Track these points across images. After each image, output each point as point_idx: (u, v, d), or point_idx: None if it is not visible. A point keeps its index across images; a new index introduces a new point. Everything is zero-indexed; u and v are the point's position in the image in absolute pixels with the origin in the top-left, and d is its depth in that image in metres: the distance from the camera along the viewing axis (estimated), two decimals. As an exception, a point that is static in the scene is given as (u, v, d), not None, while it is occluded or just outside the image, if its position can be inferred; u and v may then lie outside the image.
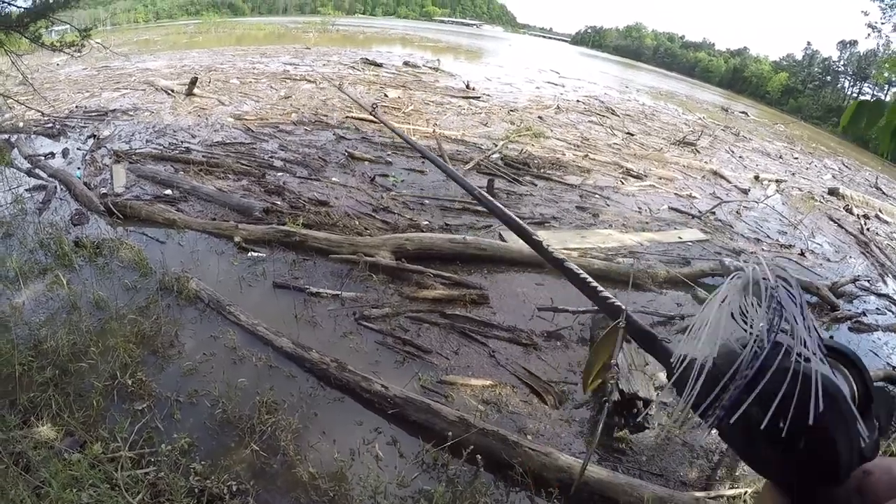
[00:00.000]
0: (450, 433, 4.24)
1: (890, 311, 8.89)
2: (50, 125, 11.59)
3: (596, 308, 6.50)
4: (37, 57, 12.79)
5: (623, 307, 1.06)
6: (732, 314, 0.75)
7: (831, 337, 6.82)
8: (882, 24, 43.31)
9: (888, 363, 7.19)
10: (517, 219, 1.28)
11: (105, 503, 3.28)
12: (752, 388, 0.69)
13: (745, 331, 0.73)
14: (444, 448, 4.19)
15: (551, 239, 8.52)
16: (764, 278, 0.74)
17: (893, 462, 0.69)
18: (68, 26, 10.78)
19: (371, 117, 14.89)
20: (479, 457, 4.02)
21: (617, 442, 4.67)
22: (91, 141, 10.88)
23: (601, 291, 1.09)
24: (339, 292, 6.30)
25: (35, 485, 3.35)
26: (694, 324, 0.80)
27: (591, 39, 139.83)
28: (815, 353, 0.69)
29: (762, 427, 0.67)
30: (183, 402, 4.41)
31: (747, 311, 0.74)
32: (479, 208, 9.38)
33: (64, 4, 9.61)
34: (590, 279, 1.12)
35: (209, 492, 3.55)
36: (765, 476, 0.74)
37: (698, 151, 18.62)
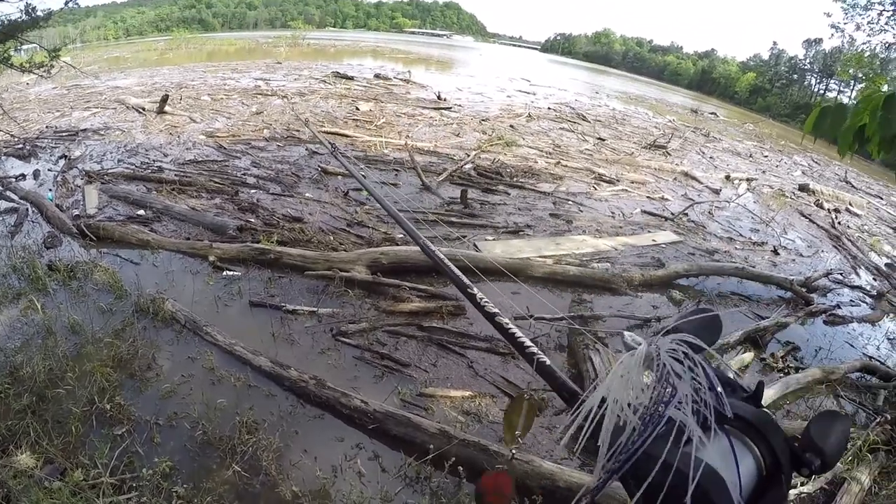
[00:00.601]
0: (431, 446, 4.25)
1: (864, 302, 9.07)
2: (20, 146, 11.47)
3: (573, 314, 6.60)
4: (5, 77, 12.71)
5: (546, 360, 1.09)
6: (631, 384, 0.76)
7: (789, 348, 6.98)
8: (845, 24, 43.97)
9: (864, 353, 7.33)
10: (458, 272, 1.32)
11: (87, 531, 3.27)
12: (628, 465, 0.71)
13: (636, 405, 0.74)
14: (427, 461, 4.20)
15: (526, 247, 8.60)
16: (656, 356, 0.74)
17: None
18: (37, 45, 10.69)
19: (342, 131, 14.95)
20: (461, 468, 4.04)
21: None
22: (62, 161, 10.77)
23: (528, 348, 1.11)
24: (316, 309, 6.29)
25: (15, 515, 3.33)
26: (597, 391, 0.81)
27: (561, 46, 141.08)
28: (710, 430, 0.69)
29: None
30: (162, 424, 4.38)
31: (644, 385, 0.74)
32: (453, 219, 9.44)
33: (32, 24, 9.52)
34: (519, 334, 1.16)
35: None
36: None
37: (669, 154, 18.84)
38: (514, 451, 1.07)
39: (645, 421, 0.71)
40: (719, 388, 0.72)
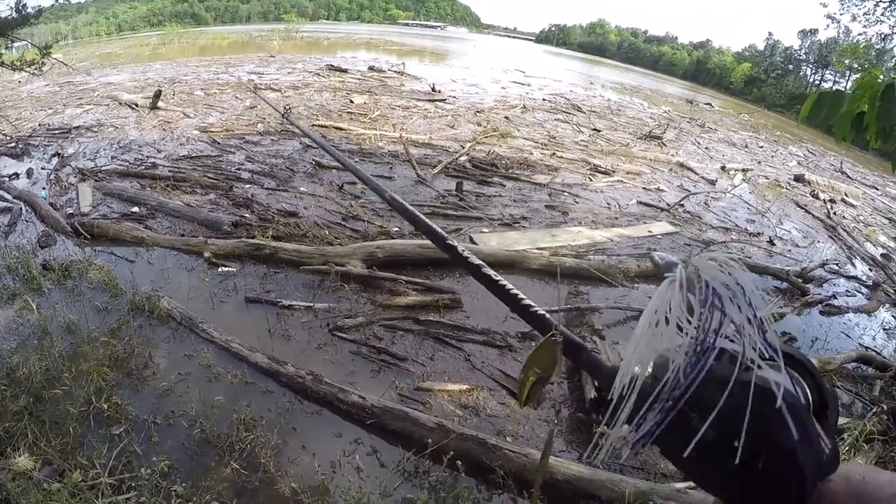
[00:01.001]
0: (429, 440, 4.26)
1: (859, 292, 9.09)
2: (13, 145, 11.41)
3: (568, 307, 6.59)
4: (-3, 76, 12.63)
5: (553, 321, 0.99)
6: (668, 319, 0.68)
7: (786, 338, 6.99)
8: (841, 14, 44.04)
9: (860, 344, 7.35)
10: (431, 224, 1.22)
11: (85, 531, 3.26)
12: (690, 401, 0.64)
13: (683, 338, 0.67)
14: (425, 455, 4.21)
15: (521, 239, 8.58)
16: (699, 278, 0.67)
17: (851, 469, 0.64)
18: (28, 43, 10.62)
19: (336, 124, 14.89)
20: (459, 462, 4.05)
21: (598, 437, 4.71)
22: (55, 160, 10.71)
23: (523, 300, 1.01)
24: (312, 304, 6.28)
25: (14, 517, 3.32)
26: (638, 334, 0.72)
27: (556, 37, 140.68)
28: (767, 359, 0.63)
29: (713, 447, 0.62)
30: (160, 423, 4.38)
31: (686, 317, 0.67)
32: (449, 212, 9.44)
33: (22, 22, 9.48)
34: (512, 288, 1.05)
35: (191, 513, 3.54)
36: (719, 496, 0.68)
37: (665, 145, 18.85)
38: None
39: (695, 352, 0.66)
40: (762, 314, 0.67)
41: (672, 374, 0.66)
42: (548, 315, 0.97)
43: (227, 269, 6.93)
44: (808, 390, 0.67)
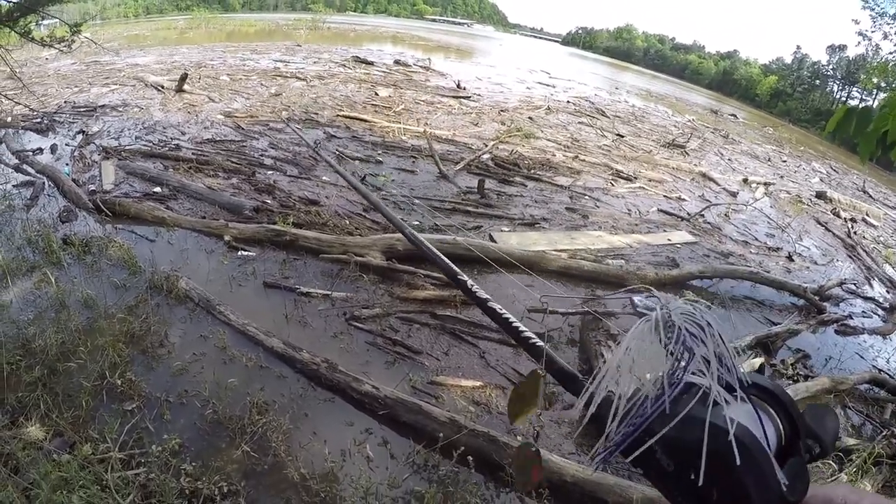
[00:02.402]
0: (440, 434, 4.25)
1: (876, 314, 8.98)
2: (38, 120, 11.49)
3: (586, 311, 6.57)
4: (26, 51, 12.68)
5: (545, 346, 1.05)
6: (641, 355, 0.73)
7: (800, 355, 6.95)
8: (872, 32, 43.76)
9: (874, 366, 7.27)
10: (445, 259, 1.27)
11: (95, 504, 3.27)
12: (651, 432, 0.68)
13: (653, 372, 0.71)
14: (435, 449, 4.20)
15: (541, 240, 8.56)
16: (669, 320, 0.71)
17: (832, 491, 0.66)
18: (58, 21, 10.68)
19: (361, 116, 14.92)
20: (469, 457, 4.03)
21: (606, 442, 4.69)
22: (80, 137, 10.77)
23: (523, 332, 1.07)
24: (330, 292, 6.29)
25: (24, 486, 3.33)
26: (611, 361, 0.77)
27: (582, 40, 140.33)
28: (732, 394, 0.67)
29: (673, 476, 0.67)
30: (173, 402, 4.39)
31: (660, 351, 0.71)
32: (470, 209, 9.42)
33: (54, -1, 9.52)
34: (512, 319, 1.11)
35: (200, 493, 3.54)
36: None
37: (688, 154, 18.73)
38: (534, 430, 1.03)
39: (662, 385, 0.69)
40: (733, 354, 0.70)
41: (639, 401, 0.70)
42: (546, 348, 1.02)
43: (246, 253, 6.95)
44: (778, 421, 0.70)
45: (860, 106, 2.96)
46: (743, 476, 0.61)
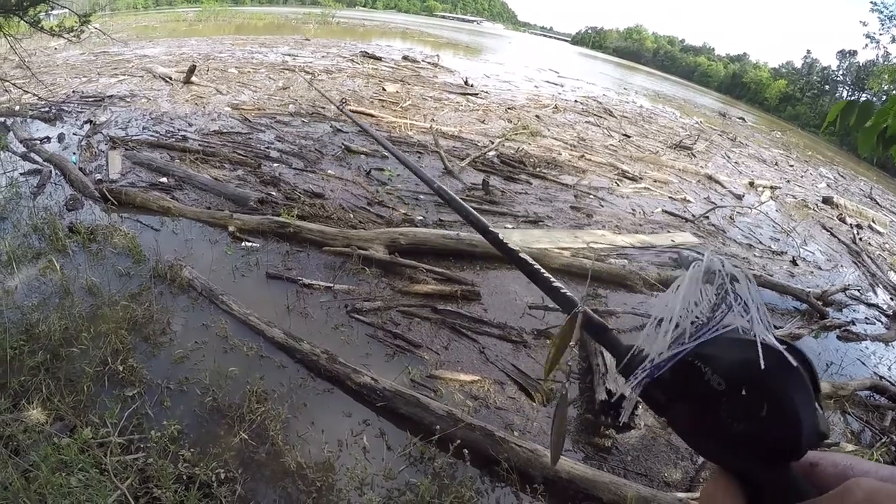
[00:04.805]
0: (437, 427, 4.28)
1: (879, 320, 8.95)
2: (46, 109, 11.53)
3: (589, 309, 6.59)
4: (35, 41, 12.73)
5: (577, 300, 1.05)
6: (689, 302, 0.71)
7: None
8: (880, 35, 43.58)
9: (875, 373, 7.25)
10: (475, 212, 1.27)
11: (94, 488, 3.29)
12: (702, 354, 0.67)
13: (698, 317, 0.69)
14: (432, 441, 4.23)
15: (544, 238, 8.56)
16: (719, 268, 0.69)
17: (839, 456, 0.68)
18: (67, 10, 10.71)
19: (367, 111, 14.92)
20: (465, 451, 4.06)
21: (602, 440, 4.72)
22: (87, 126, 10.82)
23: (554, 282, 1.06)
24: (332, 284, 6.32)
25: (24, 468, 3.36)
26: (653, 315, 0.74)
27: (592, 40, 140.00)
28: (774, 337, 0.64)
29: (720, 396, 0.64)
30: (173, 389, 4.43)
31: (702, 300, 0.70)
32: (474, 205, 9.41)
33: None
34: (543, 271, 1.10)
35: (198, 479, 3.57)
36: (716, 461, 0.68)
37: (694, 155, 18.70)
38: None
39: (708, 318, 0.69)
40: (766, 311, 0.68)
41: (689, 327, 0.69)
42: (573, 297, 1.01)
43: (250, 244, 6.99)
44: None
45: (861, 100, 2.96)
46: (790, 389, 0.62)
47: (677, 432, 0.70)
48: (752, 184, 16.50)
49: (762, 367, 0.61)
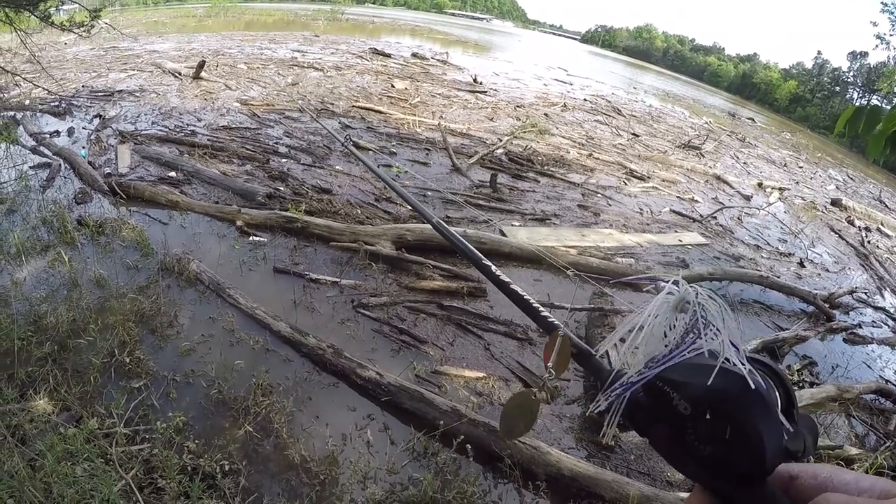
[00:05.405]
0: (441, 422, 4.29)
1: (886, 324, 8.91)
2: (56, 104, 11.56)
3: (592, 306, 6.57)
4: (45, 35, 12.76)
5: (559, 324, 1.07)
6: (660, 328, 0.75)
7: (806, 361, 6.94)
8: (890, 35, 43.35)
9: (881, 376, 7.22)
10: (471, 247, 1.28)
11: (99, 478, 3.32)
12: (668, 380, 0.70)
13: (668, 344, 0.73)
14: (435, 437, 4.25)
15: (551, 236, 8.57)
16: (693, 298, 0.72)
17: (819, 468, 0.68)
18: (78, 6, 10.76)
19: (376, 107, 14.95)
20: (468, 447, 4.06)
21: (605, 439, 4.72)
22: (97, 121, 10.87)
23: (541, 311, 1.08)
24: (339, 279, 6.34)
25: (30, 457, 3.39)
26: (624, 337, 0.78)
27: (601, 39, 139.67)
28: (739, 360, 0.67)
29: (686, 420, 0.67)
30: (179, 381, 4.46)
31: (673, 327, 0.73)
32: (482, 202, 9.44)
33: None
34: (533, 301, 1.12)
35: (202, 470, 3.59)
36: (695, 479, 0.71)
37: (703, 155, 18.64)
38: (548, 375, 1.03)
39: (678, 341, 0.71)
40: (738, 334, 0.70)
41: (659, 353, 0.72)
42: (556, 322, 1.04)
43: (258, 238, 7.01)
44: (776, 390, 0.71)
45: (869, 105, 2.95)
46: (752, 412, 0.64)
47: (658, 452, 0.72)
48: (760, 185, 16.45)
49: (720, 391, 0.64)
